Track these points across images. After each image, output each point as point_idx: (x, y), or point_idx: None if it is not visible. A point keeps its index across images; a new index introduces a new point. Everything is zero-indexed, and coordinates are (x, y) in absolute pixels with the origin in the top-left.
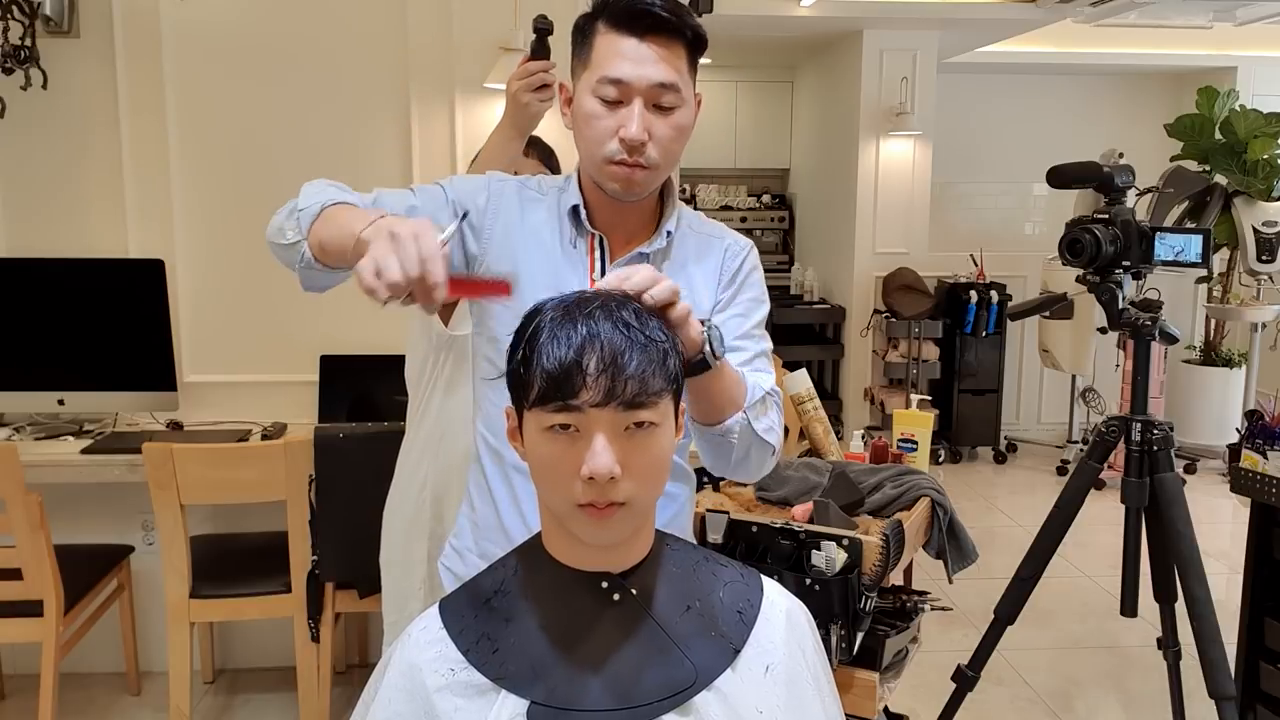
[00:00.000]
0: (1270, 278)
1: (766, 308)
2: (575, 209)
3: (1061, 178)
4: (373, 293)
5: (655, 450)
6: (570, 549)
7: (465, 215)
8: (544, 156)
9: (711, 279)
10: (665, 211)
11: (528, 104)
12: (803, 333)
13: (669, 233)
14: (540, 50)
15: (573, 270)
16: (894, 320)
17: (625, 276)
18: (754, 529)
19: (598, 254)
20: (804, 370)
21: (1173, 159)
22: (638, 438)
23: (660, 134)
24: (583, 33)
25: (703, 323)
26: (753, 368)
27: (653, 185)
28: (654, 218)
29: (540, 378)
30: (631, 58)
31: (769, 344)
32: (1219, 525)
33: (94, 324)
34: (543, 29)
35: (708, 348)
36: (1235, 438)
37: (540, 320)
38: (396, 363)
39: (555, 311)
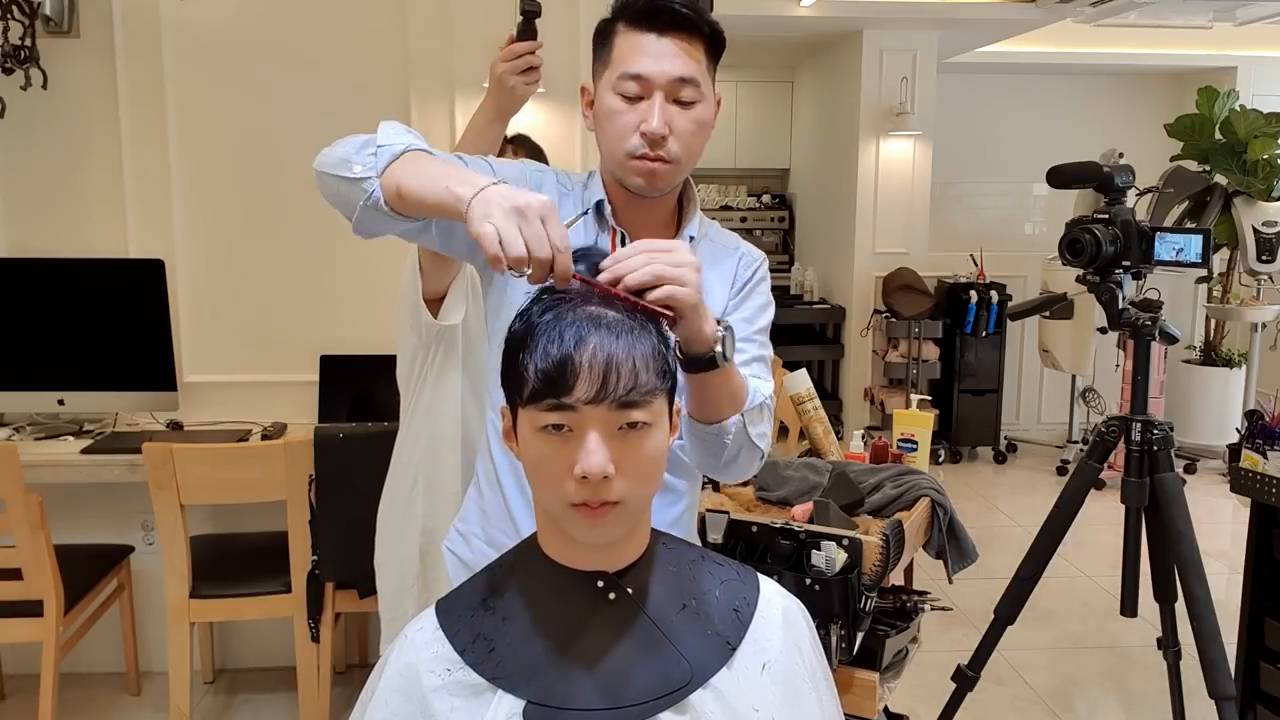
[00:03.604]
0: (1270, 278)
1: (771, 314)
2: (600, 204)
3: (1061, 178)
4: (496, 262)
5: (648, 450)
6: (565, 548)
7: (597, 206)
8: (532, 155)
9: (724, 286)
10: (685, 213)
11: (513, 87)
12: (803, 333)
13: (691, 237)
14: (527, 32)
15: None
16: (894, 320)
17: (655, 253)
18: (754, 529)
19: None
20: (804, 370)
21: (1173, 159)
22: (631, 438)
23: (681, 128)
24: (603, 35)
25: (719, 322)
26: (751, 371)
27: (675, 180)
28: (674, 218)
29: (534, 375)
30: (651, 53)
31: (770, 351)
32: (1219, 525)
33: (94, 324)
34: (530, 11)
35: (719, 348)
36: (1235, 438)
37: (534, 316)
38: (396, 363)
39: (548, 310)
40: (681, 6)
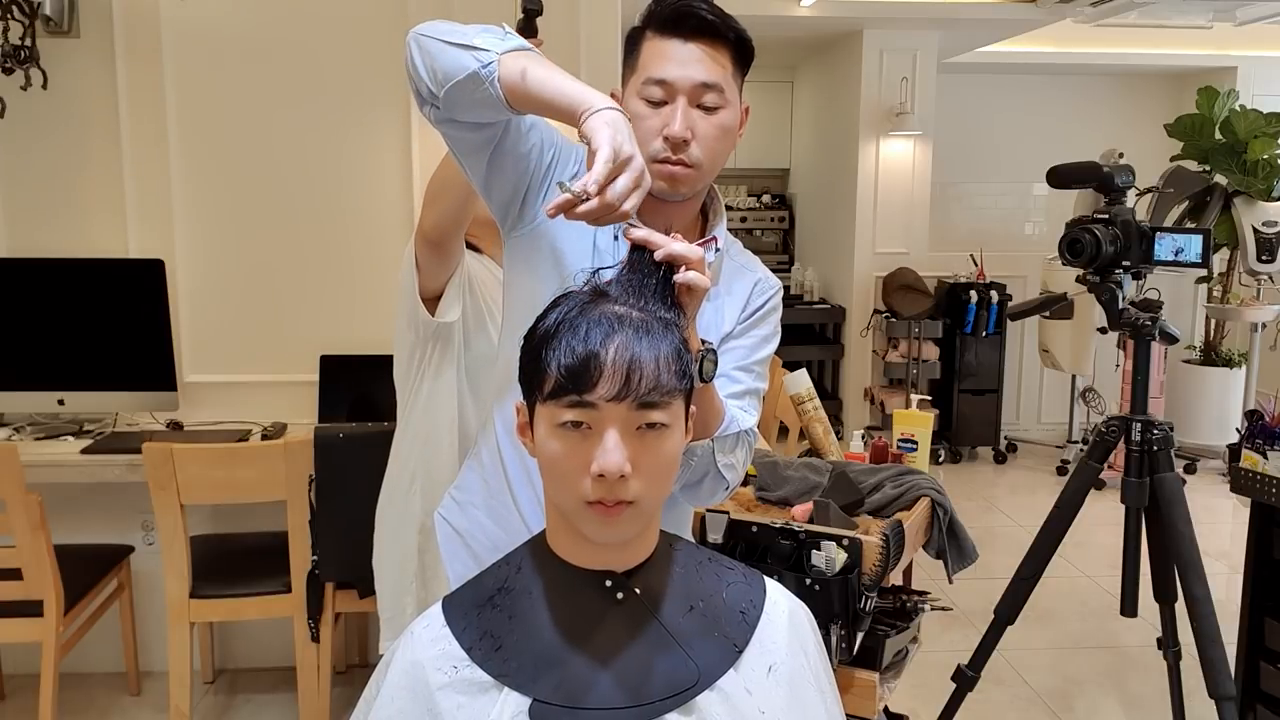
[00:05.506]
0: (1270, 278)
1: (773, 348)
2: None
3: (1061, 178)
4: (582, 196)
5: (665, 451)
6: (575, 547)
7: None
8: None
9: (737, 308)
10: (710, 224)
11: None
12: (803, 333)
13: (717, 250)
14: (528, 30)
15: (612, 263)
16: (894, 320)
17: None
18: (754, 529)
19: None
20: (804, 370)
21: (1173, 159)
22: (649, 438)
23: (704, 133)
24: (632, 42)
25: (704, 342)
26: (741, 404)
27: (696, 185)
28: (695, 227)
29: (557, 371)
30: (675, 58)
31: (765, 385)
32: (1219, 525)
33: (94, 324)
34: (531, 9)
35: (695, 366)
36: (1235, 438)
37: (559, 315)
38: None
39: (575, 308)
40: (707, 13)
